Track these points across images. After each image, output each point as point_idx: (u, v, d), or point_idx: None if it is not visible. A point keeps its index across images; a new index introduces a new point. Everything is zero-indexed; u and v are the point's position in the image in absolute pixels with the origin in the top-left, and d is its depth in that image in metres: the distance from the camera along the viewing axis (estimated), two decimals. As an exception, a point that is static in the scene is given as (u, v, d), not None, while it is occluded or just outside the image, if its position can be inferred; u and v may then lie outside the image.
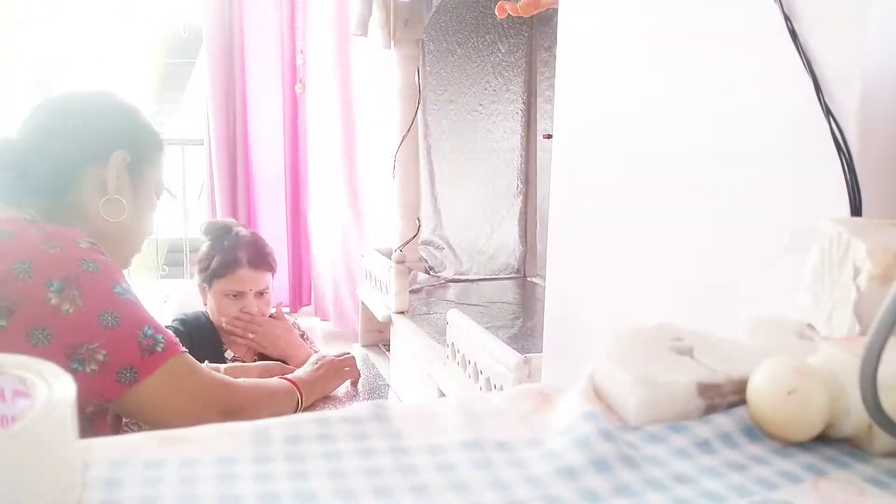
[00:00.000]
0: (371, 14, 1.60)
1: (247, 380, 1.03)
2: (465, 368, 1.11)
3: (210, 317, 1.60)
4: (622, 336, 0.37)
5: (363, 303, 1.82)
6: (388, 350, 1.65)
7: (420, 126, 1.78)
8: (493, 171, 1.92)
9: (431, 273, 1.84)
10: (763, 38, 0.50)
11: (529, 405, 0.35)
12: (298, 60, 2.41)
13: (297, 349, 1.57)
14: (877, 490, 0.28)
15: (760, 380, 0.32)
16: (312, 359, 1.36)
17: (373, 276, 1.74)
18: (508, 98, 1.91)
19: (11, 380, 0.27)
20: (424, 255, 1.84)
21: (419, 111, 1.69)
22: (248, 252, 1.58)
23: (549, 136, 1.79)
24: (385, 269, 1.59)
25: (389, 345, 1.61)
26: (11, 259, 0.74)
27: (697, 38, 0.57)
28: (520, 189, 1.94)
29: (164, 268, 3.15)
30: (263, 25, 2.41)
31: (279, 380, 1.12)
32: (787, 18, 0.47)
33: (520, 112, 1.92)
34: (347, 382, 1.37)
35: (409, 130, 1.66)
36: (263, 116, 2.46)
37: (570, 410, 0.33)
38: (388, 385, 1.52)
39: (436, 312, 1.56)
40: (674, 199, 0.61)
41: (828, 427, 0.32)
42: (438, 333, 1.35)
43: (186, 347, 0.86)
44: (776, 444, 0.32)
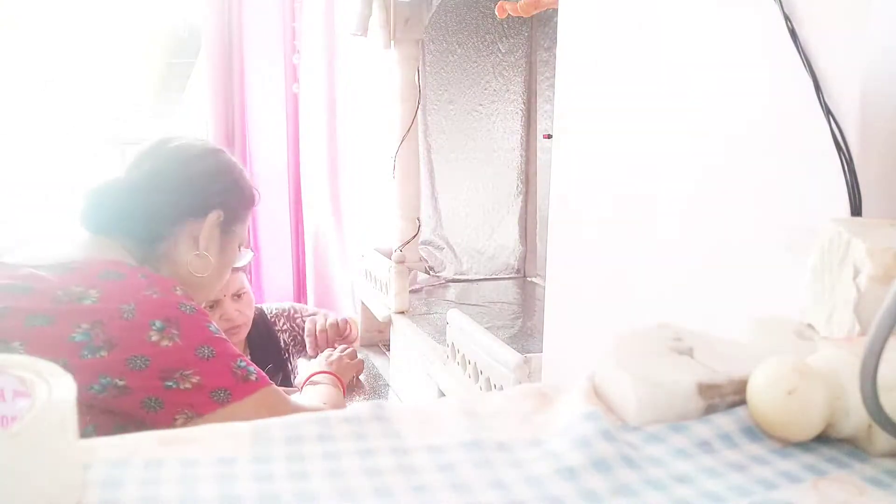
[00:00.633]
0: (371, 14, 1.60)
1: (316, 398, 1.13)
2: (465, 368, 1.11)
3: None
4: (622, 336, 0.37)
5: (363, 303, 1.82)
6: (388, 350, 1.65)
7: (420, 126, 1.78)
8: (493, 171, 1.92)
9: (431, 273, 1.84)
10: (763, 38, 0.50)
11: (529, 405, 0.35)
12: (294, 60, 2.41)
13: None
14: (877, 490, 0.28)
15: (760, 380, 0.32)
16: (325, 354, 1.38)
17: (373, 276, 1.74)
18: (508, 98, 1.91)
19: (11, 380, 0.27)
20: (424, 255, 1.84)
21: (419, 111, 1.69)
22: None
23: (549, 136, 1.79)
24: (385, 269, 1.59)
25: (389, 345, 1.61)
26: (118, 300, 0.79)
27: (697, 38, 0.57)
28: (520, 189, 1.94)
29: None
30: (263, 25, 2.41)
31: (328, 385, 1.21)
32: (787, 18, 0.47)
33: (520, 112, 1.92)
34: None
35: (409, 130, 1.66)
36: (263, 116, 2.46)
37: (570, 410, 0.33)
38: (388, 385, 1.52)
39: (436, 312, 1.56)
40: (674, 199, 0.61)
41: (828, 427, 0.32)
42: (438, 333, 1.35)
43: None
44: (776, 444, 0.32)
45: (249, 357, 1.60)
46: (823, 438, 0.32)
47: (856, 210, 0.43)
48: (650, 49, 0.63)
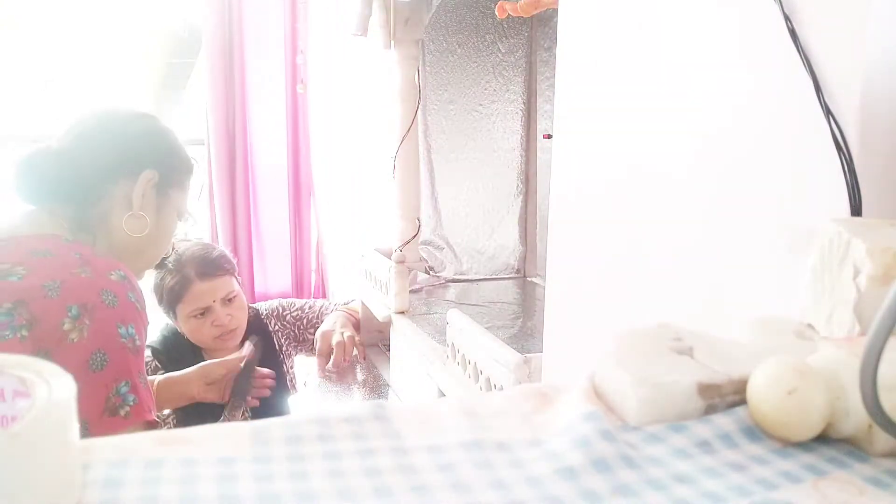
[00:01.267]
0: (371, 14, 1.60)
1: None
2: (465, 368, 1.11)
3: (188, 336, 1.53)
4: (622, 336, 0.37)
5: (363, 303, 1.82)
6: (388, 350, 1.65)
7: (420, 126, 1.78)
8: (493, 171, 1.92)
9: (431, 273, 1.84)
10: (763, 38, 0.50)
11: (529, 405, 0.35)
12: (299, 60, 2.42)
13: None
14: (877, 490, 0.28)
15: (760, 380, 0.32)
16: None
17: (373, 276, 1.74)
18: (508, 98, 1.91)
19: (11, 380, 0.27)
20: (424, 255, 1.84)
21: (419, 111, 1.69)
22: (195, 265, 1.47)
23: (549, 136, 1.79)
24: (385, 269, 1.59)
25: (389, 345, 1.61)
26: (45, 277, 0.77)
27: (697, 38, 0.57)
28: (520, 189, 1.94)
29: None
30: (263, 26, 2.41)
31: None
32: (787, 18, 0.47)
33: (520, 112, 1.92)
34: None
35: (409, 130, 1.66)
36: (263, 116, 2.46)
37: (570, 410, 0.33)
38: (388, 385, 1.52)
39: (436, 312, 1.56)
40: (674, 199, 0.61)
41: (828, 427, 0.32)
42: (438, 333, 1.35)
43: (165, 369, 0.86)
44: (776, 444, 0.32)
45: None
46: (823, 438, 0.32)
47: (856, 210, 0.43)
48: (650, 49, 0.63)
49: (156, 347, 1.50)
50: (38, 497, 0.24)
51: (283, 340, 1.72)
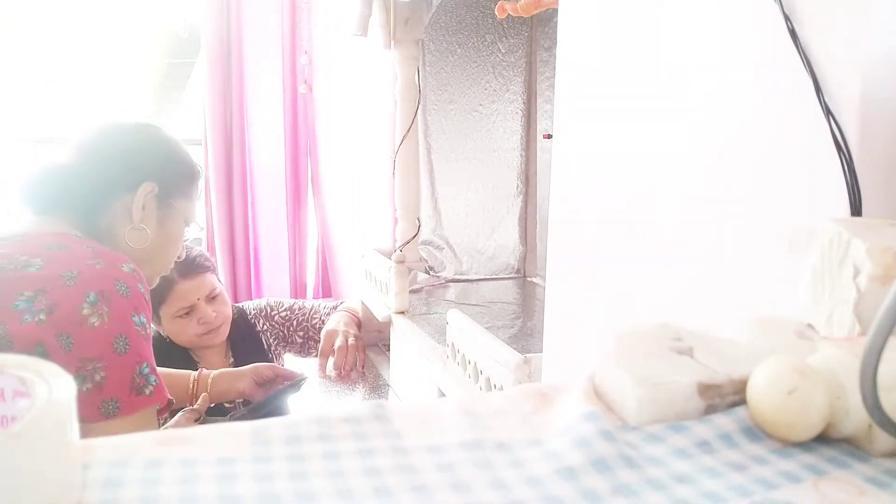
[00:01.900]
0: (371, 14, 1.60)
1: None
2: (465, 368, 1.11)
3: (173, 338, 1.52)
4: (622, 336, 0.37)
5: (363, 303, 1.82)
6: (388, 350, 1.65)
7: (420, 126, 1.78)
8: (493, 171, 1.92)
9: (431, 273, 1.84)
10: (763, 38, 0.50)
11: (529, 405, 0.35)
12: (303, 61, 2.42)
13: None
14: (877, 490, 0.28)
15: (760, 380, 0.32)
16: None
17: (373, 276, 1.74)
18: (508, 98, 1.91)
19: (11, 380, 0.27)
20: (424, 255, 1.84)
21: (419, 111, 1.69)
22: (176, 265, 1.43)
23: (549, 136, 1.79)
24: (385, 269, 1.59)
25: (389, 345, 1.61)
26: (62, 267, 0.81)
27: (697, 38, 0.57)
28: (520, 189, 1.94)
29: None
30: (262, 26, 2.41)
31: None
32: (787, 18, 0.47)
33: (520, 112, 1.92)
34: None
35: (409, 130, 1.66)
36: (262, 117, 2.46)
37: (570, 410, 0.33)
38: (388, 385, 1.53)
39: (436, 312, 1.56)
40: (674, 199, 0.61)
41: (828, 427, 0.32)
42: (438, 333, 1.35)
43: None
44: (776, 444, 0.32)
45: (233, 361, 1.59)
46: (823, 438, 0.32)
47: (856, 210, 0.43)
48: (650, 49, 0.63)
49: None
50: (38, 497, 0.24)
51: (272, 340, 1.71)
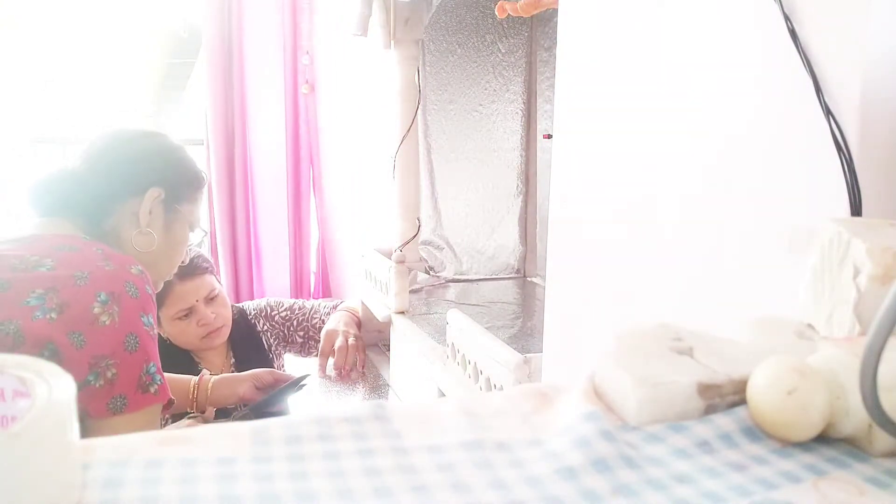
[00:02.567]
0: (371, 14, 1.60)
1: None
2: (465, 368, 1.11)
3: (174, 340, 1.52)
4: (622, 336, 0.37)
5: (363, 303, 1.82)
6: (388, 350, 1.65)
7: (420, 126, 1.78)
8: (493, 171, 1.92)
9: (431, 273, 1.84)
10: (763, 38, 0.50)
11: (529, 405, 0.35)
12: (304, 61, 2.42)
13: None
14: (877, 490, 0.28)
15: (760, 380, 0.32)
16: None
17: (373, 276, 1.74)
18: (508, 98, 1.91)
19: (11, 380, 0.27)
20: (424, 255, 1.84)
21: (419, 111, 1.69)
22: None
23: (549, 136, 1.79)
24: (385, 269, 1.59)
25: (389, 345, 1.61)
26: (73, 268, 0.82)
27: (697, 38, 0.57)
28: (520, 189, 1.94)
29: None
30: (263, 26, 2.41)
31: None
32: (787, 18, 0.47)
33: (520, 112, 1.92)
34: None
35: (409, 130, 1.66)
36: (263, 117, 2.46)
37: (570, 410, 0.33)
38: (388, 385, 1.53)
39: (436, 312, 1.56)
40: (674, 199, 0.61)
41: (828, 427, 0.32)
42: (438, 333, 1.35)
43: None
44: (776, 444, 0.32)
45: (234, 362, 1.59)
46: (823, 438, 0.32)
47: (856, 210, 0.43)
48: (650, 49, 0.63)
49: None
50: (38, 497, 0.24)
51: (272, 340, 1.71)
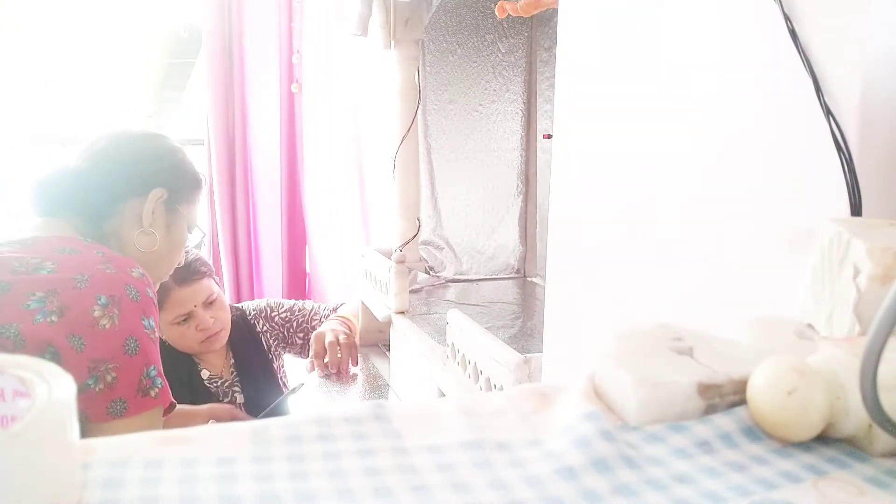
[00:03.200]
0: (371, 14, 1.60)
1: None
2: (465, 368, 1.11)
3: (173, 344, 1.51)
4: (622, 336, 0.37)
5: (363, 303, 1.82)
6: (388, 350, 1.65)
7: (420, 126, 1.78)
8: (493, 171, 1.92)
9: (431, 273, 1.84)
10: (763, 38, 0.50)
11: (529, 405, 0.35)
12: (294, 60, 2.42)
13: None
14: (877, 490, 0.28)
15: (760, 380, 0.32)
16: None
17: (373, 276, 1.74)
18: (508, 98, 1.91)
19: (11, 380, 0.27)
20: (424, 255, 1.84)
21: (419, 111, 1.69)
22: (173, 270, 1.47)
23: (549, 136, 1.79)
24: (385, 269, 1.59)
25: (389, 345, 1.61)
26: (74, 271, 0.82)
27: (697, 38, 0.57)
28: (520, 189, 1.94)
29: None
30: (263, 26, 2.42)
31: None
32: (787, 18, 0.47)
33: (520, 112, 1.92)
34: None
35: (409, 130, 1.66)
36: (263, 116, 2.46)
37: (570, 410, 0.33)
38: (388, 385, 1.53)
39: (436, 312, 1.56)
40: (674, 199, 0.61)
41: (828, 427, 0.32)
42: (438, 333, 1.35)
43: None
44: (776, 444, 0.32)
45: (234, 363, 1.59)
46: (823, 438, 0.32)
47: (856, 210, 0.43)
48: (650, 49, 0.63)
49: None
50: (38, 497, 0.24)
51: (272, 341, 1.70)
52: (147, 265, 0.95)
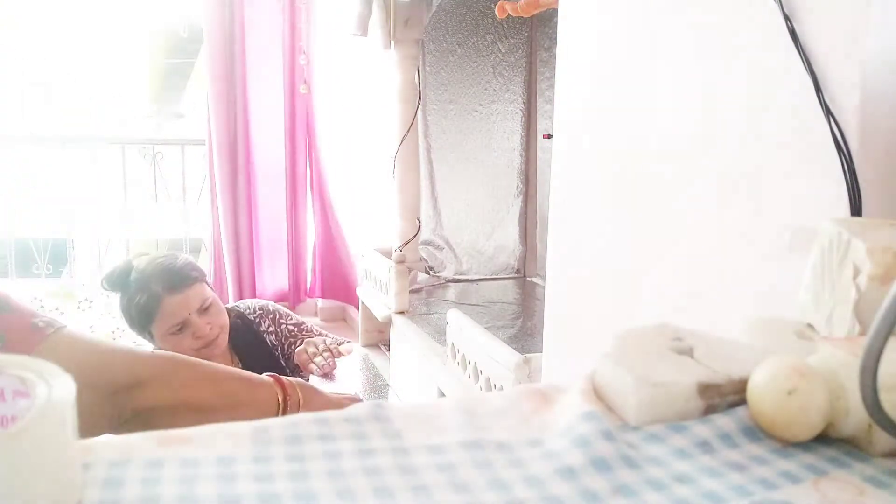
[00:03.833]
0: (371, 14, 1.60)
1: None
2: (465, 368, 1.11)
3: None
4: (622, 336, 0.37)
5: (363, 303, 1.82)
6: (388, 350, 1.65)
7: (420, 126, 1.78)
8: (493, 171, 1.92)
9: (431, 273, 1.84)
10: (763, 38, 0.50)
11: (529, 405, 0.35)
12: (301, 61, 2.42)
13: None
14: (877, 490, 0.28)
15: (760, 380, 0.32)
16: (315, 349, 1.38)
17: (373, 276, 1.74)
18: (508, 98, 1.91)
19: (11, 380, 0.27)
20: (424, 255, 1.84)
21: (419, 111, 1.69)
22: (162, 279, 1.38)
23: (549, 136, 1.79)
24: (385, 269, 1.59)
25: (389, 345, 1.61)
26: None
27: (697, 38, 0.57)
28: (520, 189, 1.94)
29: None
30: (264, 25, 2.42)
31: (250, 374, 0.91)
32: (787, 18, 0.47)
33: (520, 112, 1.92)
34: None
35: (409, 130, 1.66)
36: (265, 116, 2.46)
37: (570, 410, 0.33)
38: (388, 385, 1.52)
39: (436, 312, 1.55)
40: (674, 199, 0.61)
41: (828, 427, 0.32)
42: (438, 333, 1.35)
43: None
44: (776, 444, 0.32)
45: (241, 367, 1.57)
46: (823, 438, 0.32)
47: (856, 210, 0.43)
48: (650, 49, 0.63)
49: None
50: (38, 497, 0.24)
51: (276, 342, 1.67)
52: None
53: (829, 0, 0.46)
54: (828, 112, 0.44)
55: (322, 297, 2.60)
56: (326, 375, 1.50)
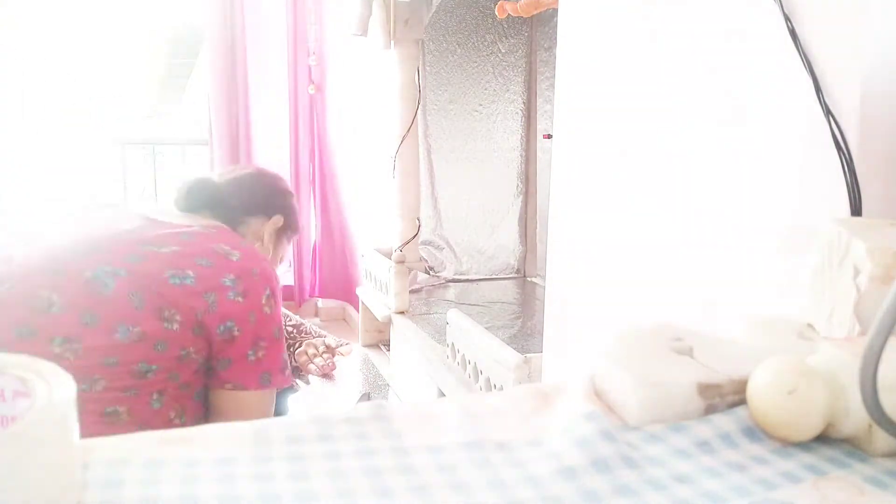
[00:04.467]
0: (371, 14, 1.60)
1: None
2: (465, 368, 1.11)
3: None
4: (622, 336, 0.37)
5: (363, 303, 1.82)
6: (388, 350, 1.65)
7: (420, 126, 1.78)
8: (493, 171, 1.92)
9: (431, 273, 1.84)
10: (763, 38, 0.50)
11: (529, 405, 0.35)
12: (311, 62, 2.42)
13: None
14: (877, 490, 0.28)
15: (760, 380, 0.32)
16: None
17: (373, 276, 1.74)
18: (508, 98, 1.91)
19: (11, 380, 0.27)
20: (424, 255, 1.84)
21: (419, 111, 1.69)
22: None
23: (549, 136, 1.79)
24: (385, 269, 1.59)
25: (389, 345, 1.61)
26: (251, 264, 0.96)
27: (697, 38, 0.57)
28: (520, 189, 1.94)
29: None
30: (265, 25, 2.41)
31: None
32: (787, 18, 0.47)
33: (520, 112, 1.92)
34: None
35: (409, 130, 1.66)
36: (267, 116, 2.46)
37: (570, 410, 0.33)
38: (388, 385, 1.52)
39: (436, 312, 1.55)
40: (674, 199, 0.61)
41: (828, 427, 0.32)
42: (438, 333, 1.35)
43: None
44: (776, 444, 0.32)
45: None
46: (823, 438, 0.32)
47: (856, 210, 0.43)
48: (650, 49, 0.63)
49: None
50: (38, 497, 0.24)
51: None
52: None
53: (829, 0, 0.46)
54: (828, 112, 0.44)
55: (322, 297, 2.60)
56: (326, 376, 1.51)
